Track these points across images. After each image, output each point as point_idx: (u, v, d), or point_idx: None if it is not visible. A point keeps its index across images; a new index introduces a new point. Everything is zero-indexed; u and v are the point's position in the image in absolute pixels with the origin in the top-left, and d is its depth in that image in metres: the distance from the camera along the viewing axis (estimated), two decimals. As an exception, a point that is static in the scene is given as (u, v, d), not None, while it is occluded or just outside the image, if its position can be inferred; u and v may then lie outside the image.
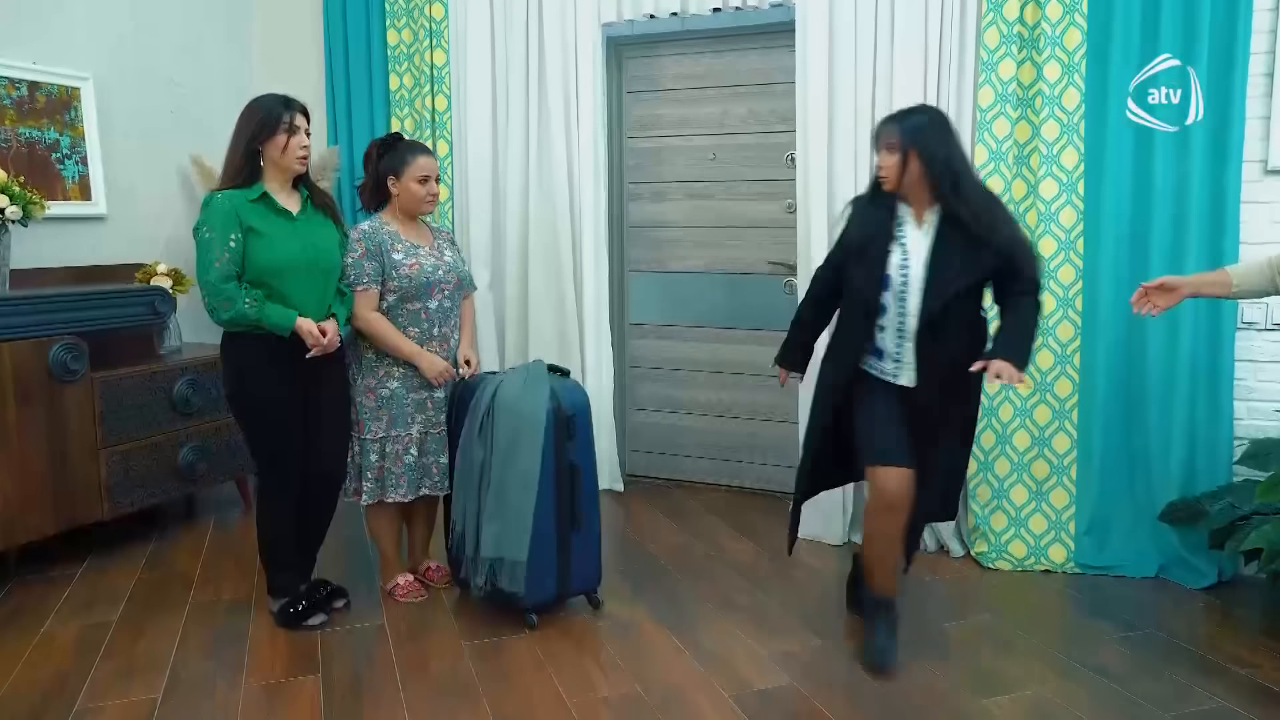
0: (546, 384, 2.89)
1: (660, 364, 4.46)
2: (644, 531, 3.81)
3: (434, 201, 3.01)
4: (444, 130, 4.30)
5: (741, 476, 4.35)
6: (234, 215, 2.64)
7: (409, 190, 2.97)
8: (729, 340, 4.30)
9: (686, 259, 4.35)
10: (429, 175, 2.98)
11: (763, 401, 4.25)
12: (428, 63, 4.28)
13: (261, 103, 2.73)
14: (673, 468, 4.49)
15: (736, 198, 4.21)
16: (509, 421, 2.82)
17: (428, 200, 2.99)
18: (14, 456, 3.16)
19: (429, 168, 2.98)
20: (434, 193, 2.99)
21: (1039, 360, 3.32)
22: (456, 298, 3.07)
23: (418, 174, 2.96)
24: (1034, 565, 3.35)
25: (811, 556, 3.52)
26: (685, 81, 4.25)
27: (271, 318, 2.67)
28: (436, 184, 3.01)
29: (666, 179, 4.34)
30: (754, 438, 4.30)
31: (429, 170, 2.98)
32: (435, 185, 3.00)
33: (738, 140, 4.17)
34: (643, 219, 4.42)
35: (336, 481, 2.96)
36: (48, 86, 3.79)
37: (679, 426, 4.45)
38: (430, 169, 2.99)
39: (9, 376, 3.14)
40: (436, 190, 3.01)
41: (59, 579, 3.31)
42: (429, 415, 3.01)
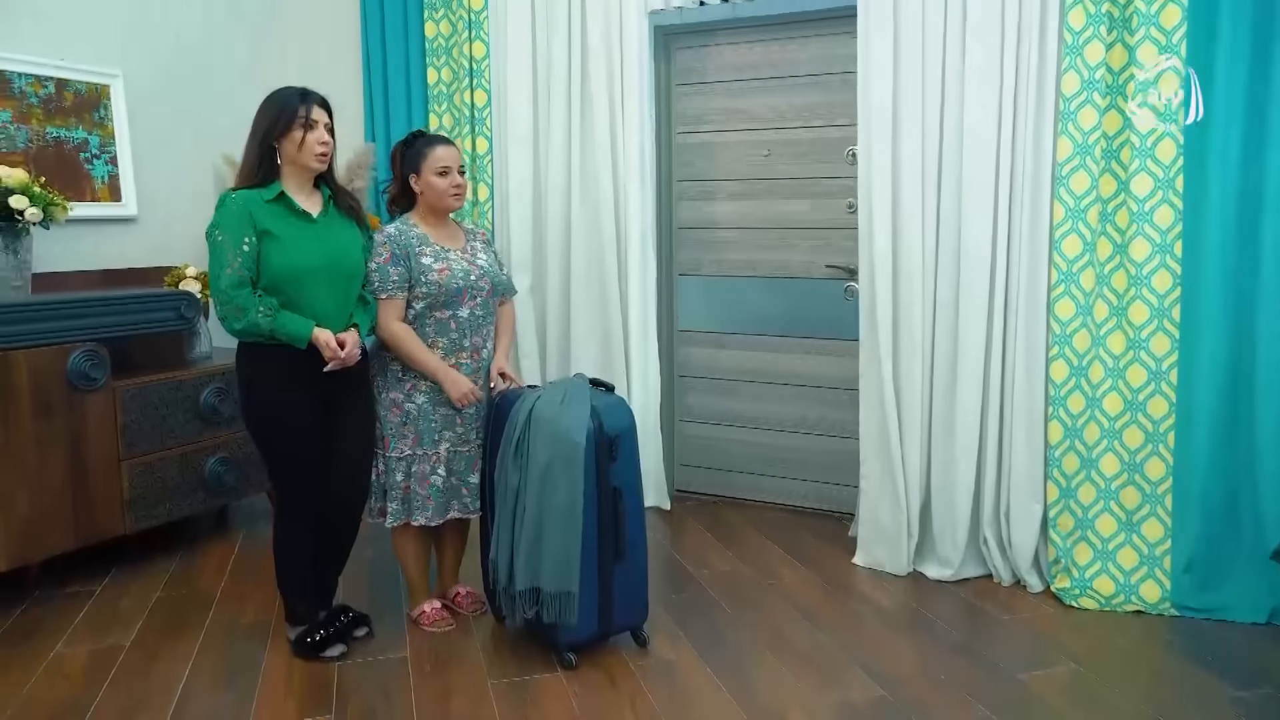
0: (587, 401, 2.65)
1: (710, 373, 4.20)
2: (691, 555, 3.55)
3: (460, 194, 2.78)
4: (483, 127, 4.10)
5: (795, 494, 4.07)
6: (248, 217, 2.45)
7: (431, 186, 2.76)
8: (783, 349, 4.03)
9: (738, 262, 4.09)
10: (449, 166, 2.76)
11: (818, 415, 3.97)
12: (466, 55, 4.08)
13: (277, 96, 2.54)
14: (722, 483, 4.23)
15: (792, 196, 3.93)
16: (546, 443, 2.59)
17: (452, 194, 2.76)
18: (31, 469, 3.02)
19: (448, 158, 2.76)
20: (458, 184, 2.76)
21: (1129, 376, 3.00)
22: (490, 305, 2.85)
23: (436, 166, 2.75)
24: (1123, 605, 3.02)
25: (873, 588, 3.24)
26: (738, 73, 3.98)
27: (286, 328, 2.48)
28: (461, 175, 2.77)
29: (717, 177, 4.08)
30: (808, 453, 4.02)
31: (448, 161, 2.76)
32: (459, 176, 2.77)
33: (794, 135, 3.89)
34: (692, 220, 4.17)
35: (359, 502, 2.76)
36: (76, 84, 3.67)
37: (729, 440, 4.19)
38: (449, 159, 2.77)
39: (26, 386, 3.00)
40: (461, 181, 2.77)
41: (78, 595, 3.17)
42: (458, 432, 2.80)
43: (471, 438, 2.81)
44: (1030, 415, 3.15)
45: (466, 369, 2.78)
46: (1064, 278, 3.05)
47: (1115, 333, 3.03)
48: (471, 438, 2.81)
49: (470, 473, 2.81)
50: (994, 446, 3.21)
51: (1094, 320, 3.04)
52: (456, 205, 2.79)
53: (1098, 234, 3.03)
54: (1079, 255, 3.04)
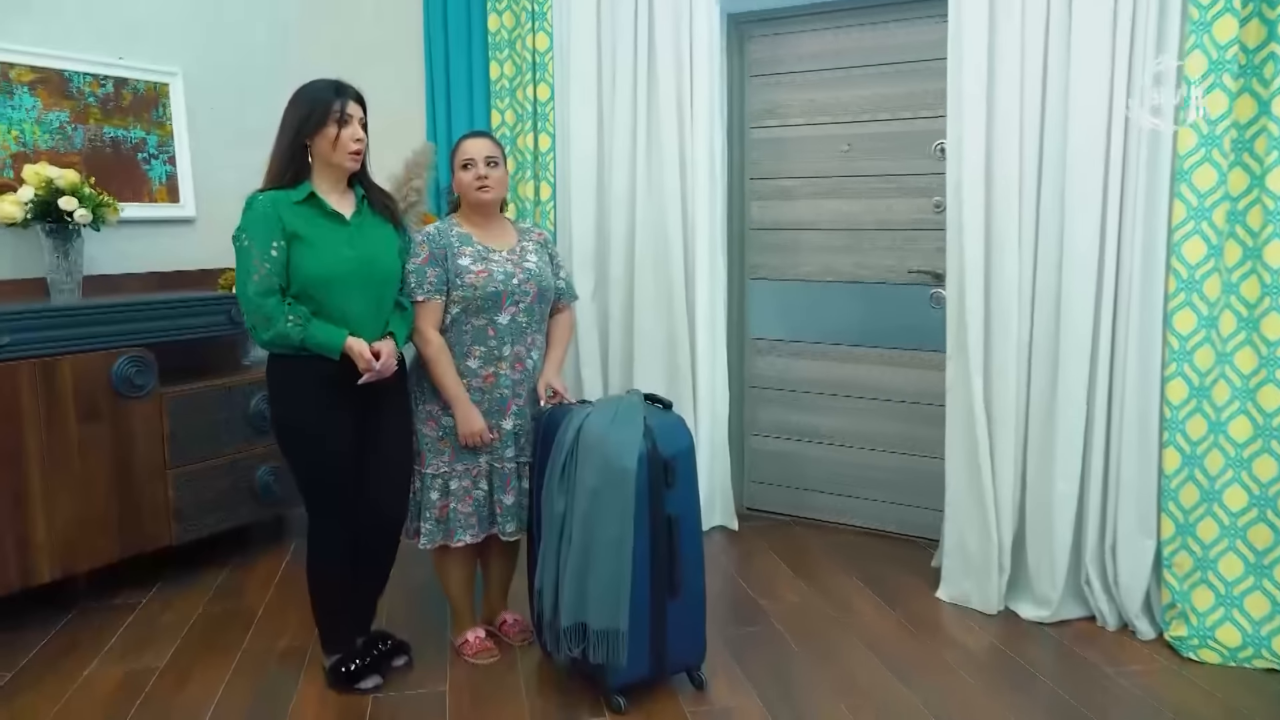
0: (640, 420, 2.42)
1: (783, 385, 3.93)
2: (759, 582, 3.29)
3: (485, 188, 2.57)
4: (545, 122, 3.90)
5: (873, 516, 3.77)
6: (276, 220, 2.30)
7: (459, 181, 2.60)
8: (862, 360, 3.73)
9: (815, 266, 3.80)
10: (471, 159, 2.57)
11: (900, 432, 3.66)
12: (529, 48, 3.89)
13: (308, 90, 2.38)
14: (795, 502, 3.95)
15: (875, 195, 3.63)
16: (594, 467, 2.37)
17: (475, 188, 2.57)
18: (76, 478, 2.95)
19: (471, 150, 2.58)
20: (479, 176, 2.56)
21: (1262, 399, 2.63)
22: (537, 311, 2.64)
23: (460, 159, 2.59)
24: (1252, 660, 2.65)
25: (959, 627, 2.93)
26: (816, 62, 3.70)
27: (317, 338, 2.31)
28: (487, 166, 2.57)
29: (793, 174, 3.80)
30: (888, 473, 3.71)
31: (471, 153, 2.58)
32: (483, 168, 2.56)
33: (877, 129, 3.59)
34: (765, 220, 3.90)
35: (397, 523, 2.59)
36: (134, 83, 3.60)
37: (802, 456, 3.90)
38: (472, 152, 2.58)
39: (70, 392, 2.92)
40: (484, 173, 2.56)
41: (122, 609, 3.08)
42: (495, 449, 2.60)
43: (507, 455, 2.61)
44: (1142, 440, 2.80)
45: (505, 381, 2.59)
46: (1184, 285, 2.70)
47: (1245, 348, 2.66)
48: (507, 455, 2.61)
49: (504, 492, 2.61)
50: (1099, 474, 2.87)
51: (1219, 334, 2.68)
52: (484, 199, 2.59)
53: (1225, 236, 2.66)
54: (1202, 260, 2.68)
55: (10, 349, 2.79)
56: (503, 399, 2.58)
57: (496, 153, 2.61)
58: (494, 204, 2.62)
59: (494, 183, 2.59)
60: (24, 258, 3.24)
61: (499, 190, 2.61)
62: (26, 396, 2.83)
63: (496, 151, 2.61)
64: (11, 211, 3.03)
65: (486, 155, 2.58)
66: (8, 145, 3.25)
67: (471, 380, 2.57)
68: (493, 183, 2.58)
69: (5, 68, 3.24)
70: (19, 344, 2.81)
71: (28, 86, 3.30)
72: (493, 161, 2.59)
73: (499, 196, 2.62)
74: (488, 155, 2.58)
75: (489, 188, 2.58)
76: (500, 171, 2.60)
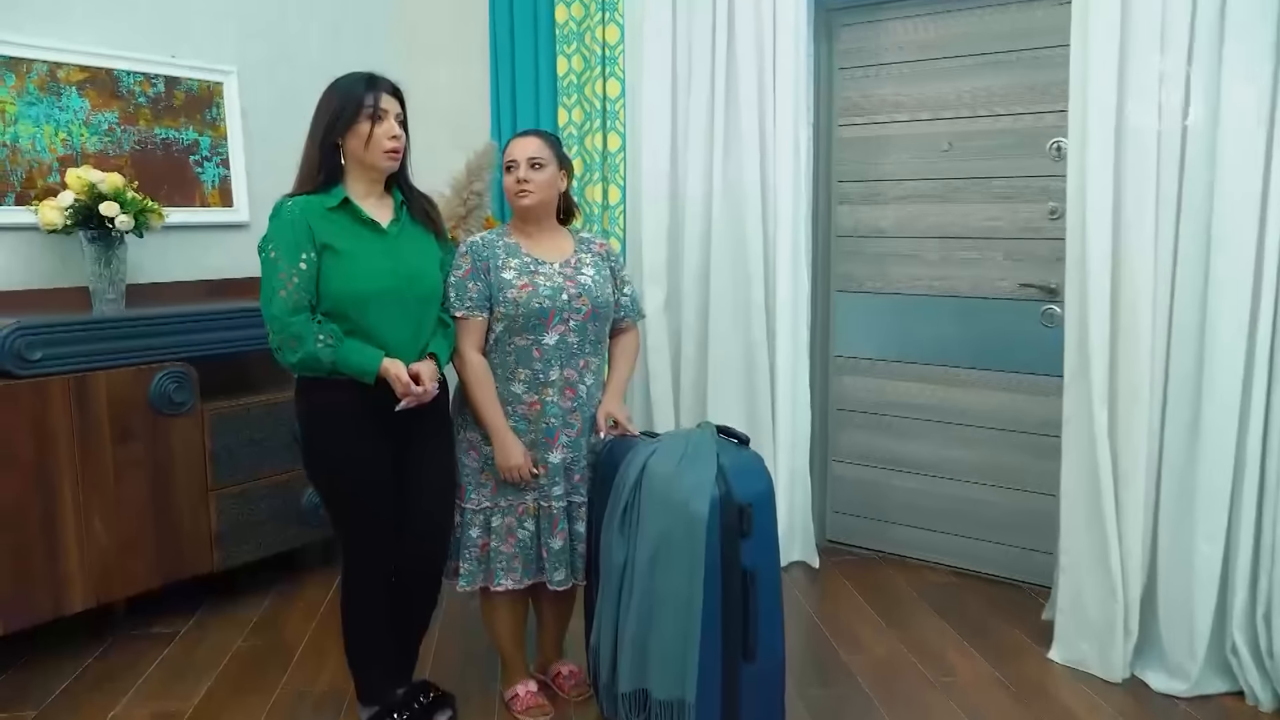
0: (712, 459, 2.12)
1: (871, 408, 3.57)
2: (841, 629, 2.96)
3: (524, 192, 2.31)
4: (615, 120, 3.62)
5: (972, 556, 3.39)
6: (305, 229, 2.06)
7: (505, 186, 2.36)
8: (961, 383, 3.35)
9: (910, 277, 3.44)
10: (513, 160, 2.32)
11: (1005, 464, 3.28)
12: (599, 41, 3.62)
13: (340, 83, 2.15)
14: (882, 537, 3.59)
15: (979, 199, 3.26)
16: (658, 512, 2.08)
17: (516, 192, 2.32)
18: (111, 501, 2.78)
19: (513, 150, 2.33)
20: (520, 179, 2.30)
21: None
22: (592, 331, 2.35)
23: (504, 163, 2.35)
24: None
25: (1077, 697, 2.55)
26: (914, 52, 3.34)
27: (350, 360, 2.07)
28: (530, 169, 2.30)
29: (886, 176, 3.45)
30: (991, 509, 3.33)
31: (513, 154, 2.33)
32: (524, 170, 2.30)
33: (982, 125, 3.22)
34: (855, 226, 3.55)
35: (438, 563, 2.34)
36: (187, 82, 3.44)
37: (893, 486, 3.55)
38: (515, 152, 2.33)
39: (105, 410, 2.75)
40: (524, 176, 2.30)
41: (159, 638, 2.91)
42: (542, 486, 2.33)
43: (555, 494, 2.32)
44: (1304, 490, 2.39)
45: (553, 409, 2.31)
46: (1361, 309, 2.28)
47: None
48: (555, 494, 2.32)
49: (551, 535, 2.33)
50: (1250, 526, 2.46)
51: (1404, 367, 2.25)
52: (523, 205, 2.33)
53: None
54: (1385, 279, 2.26)
55: (42, 364, 2.63)
56: (549, 429, 2.31)
57: (544, 154, 2.33)
58: (536, 211, 2.35)
59: (536, 187, 2.31)
60: (70, 265, 3.09)
61: (541, 195, 2.33)
62: (59, 415, 2.66)
63: (544, 153, 2.33)
64: (52, 218, 2.88)
65: (530, 156, 2.31)
66: (54, 148, 3.10)
67: (516, 407, 2.31)
68: (534, 187, 2.31)
69: (53, 68, 3.10)
70: (51, 359, 2.65)
71: (76, 87, 3.15)
72: (537, 164, 2.31)
73: (540, 202, 2.34)
74: (531, 156, 2.31)
75: (528, 192, 2.31)
76: (545, 174, 2.32)
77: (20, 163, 3.04)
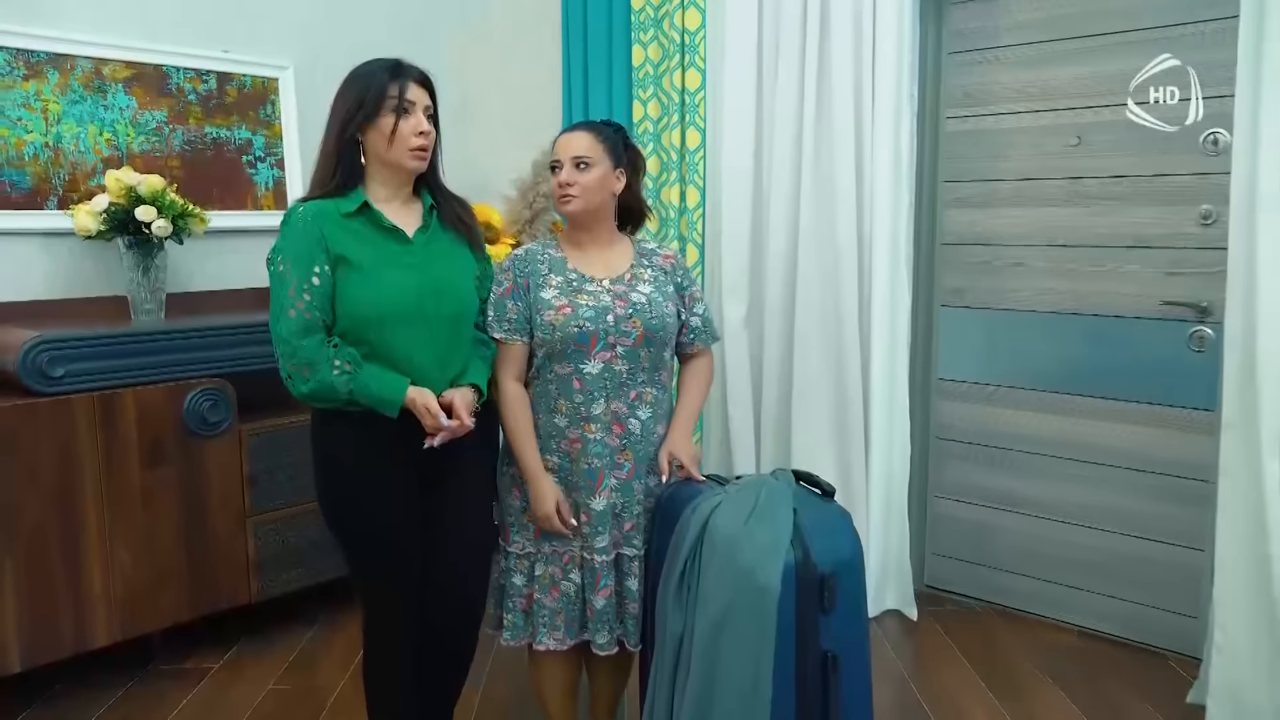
0: (787, 517, 1.77)
1: (981, 439, 3.14)
2: (942, 699, 2.55)
3: (567, 197, 1.99)
4: (695, 114, 3.29)
5: (1099, 615, 2.94)
6: (318, 238, 1.79)
7: (551, 191, 2.05)
8: (1088, 413, 2.90)
9: (1027, 291, 3.00)
10: (557, 161, 2.00)
11: (1141, 510, 2.82)
12: (678, 27, 3.29)
13: (360, 72, 1.87)
14: (992, 586, 3.16)
15: (1113, 202, 2.81)
16: (721, 580, 1.74)
17: (559, 196, 2.00)
18: (139, 528, 2.58)
19: (559, 149, 2.01)
20: (564, 182, 1.98)
21: None
22: (645, 357, 2.00)
23: (550, 161, 2.04)
24: None
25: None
26: (1037, 31, 2.91)
27: (371, 389, 1.79)
28: (575, 170, 1.98)
29: (1002, 175, 3.02)
30: (1123, 561, 2.87)
31: (558, 153, 2.01)
32: (567, 171, 1.98)
33: (1118, 115, 2.76)
34: (964, 232, 3.13)
35: (473, 615, 2.03)
36: (240, 78, 3.24)
37: (1005, 529, 3.11)
38: (559, 151, 2.01)
39: (134, 430, 2.56)
40: (567, 179, 1.98)
41: (191, 674, 2.72)
42: (585, 532, 2.00)
43: (599, 545, 1.99)
44: None
45: (597, 448, 1.97)
46: None
47: None
48: (599, 545, 1.99)
49: (594, 591, 1.99)
50: None
51: None
52: (568, 211, 2.02)
53: None
54: None
55: (65, 381, 2.45)
56: (591, 470, 1.98)
57: (592, 152, 1.99)
58: (583, 218, 2.03)
59: (580, 190, 1.98)
60: (112, 273, 2.92)
61: (587, 200, 2.00)
62: (84, 435, 2.48)
63: (593, 150, 1.99)
64: (86, 223, 2.70)
65: (575, 155, 1.98)
66: (99, 148, 2.94)
67: (558, 443, 2.00)
68: (578, 190, 1.98)
69: (98, 64, 2.93)
70: (75, 375, 2.46)
71: (123, 84, 2.98)
72: (583, 163, 1.98)
73: (586, 208, 2.01)
74: (576, 155, 1.98)
75: (571, 197, 1.99)
76: (592, 175, 1.99)
77: (63, 164, 2.89)
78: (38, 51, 2.82)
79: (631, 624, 2.03)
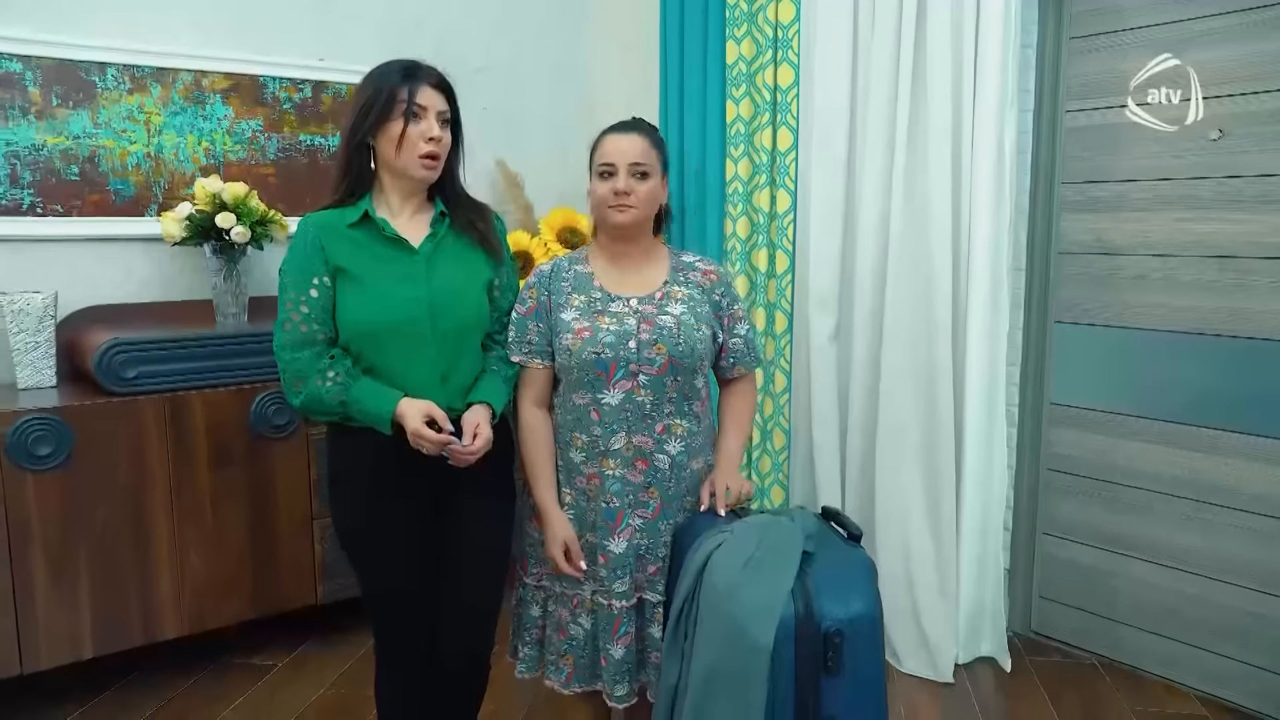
0: (792, 565, 1.57)
1: (1098, 473, 2.78)
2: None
3: (624, 207, 1.81)
4: (787, 113, 3.07)
5: (1228, 682, 2.53)
6: (318, 250, 1.74)
7: (592, 195, 1.86)
8: (1228, 451, 2.51)
9: (1157, 308, 2.63)
10: (609, 165, 1.82)
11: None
12: (771, 22, 3.09)
13: (374, 74, 1.79)
14: (1106, 638, 2.79)
15: (1263, 206, 2.41)
16: (713, 635, 1.56)
17: (611, 204, 1.82)
18: (207, 529, 2.65)
19: (611, 151, 1.82)
20: (619, 190, 1.80)
21: None
22: (670, 387, 1.82)
23: (599, 164, 1.84)
24: None
25: None
26: (1173, 10, 2.53)
27: (364, 403, 1.72)
28: (633, 178, 1.80)
29: (1127, 175, 2.66)
30: (1261, 621, 2.46)
31: (610, 155, 1.82)
32: (624, 179, 1.80)
33: (1270, 105, 2.36)
34: (1083, 240, 2.78)
35: (483, 649, 1.94)
36: (334, 86, 3.31)
37: (1124, 576, 2.74)
38: (613, 154, 1.82)
39: (202, 433, 2.63)
40: (624, 187, 1.80)
41: (256, 670, 2.79)
42: (602, 576, 1.85)
43: (618, 589, 1.83)
44: None
45: (615, 486, 1.82)
46: None
47: None
48: (618, 589, 1.83)
49: (610, 640, 1.84)
50: None
51: None
52: (621, 223, 1.83)
53: None
54: None
55: (138, 383, 2.54)
56: (610, 511, 1.82)
57: (649, 158, 1.83)
58: (632, 230, 1.87)
59: (639, 201, 1.82)
60: (203, 277, 3.03)
61: (645, 211, 1.84)
62: (154, 437, 2.56)
63: (650, 156, 1.83)
64: (171, 229, 2.81)
65: (633, 161, 1.81)
66: (197, 157, 3.06)
67: (576, 479, 1.87)
68: (636, 201, 1.81)
69: (198, 76, 3.05)
70: (147, 377, 2.55)
71: (220, 95, 3.09)
72: (641, 171, 1.82)
73: (639, 220, 1.86)
74: (635, 162, 1.81)
75: (629, 206, 1.82)
76: (649, 185, 1.82)
77: (164, 173, 3.01)
78: (142, 66, 2.95)
79: (654, 674, 1.87)
